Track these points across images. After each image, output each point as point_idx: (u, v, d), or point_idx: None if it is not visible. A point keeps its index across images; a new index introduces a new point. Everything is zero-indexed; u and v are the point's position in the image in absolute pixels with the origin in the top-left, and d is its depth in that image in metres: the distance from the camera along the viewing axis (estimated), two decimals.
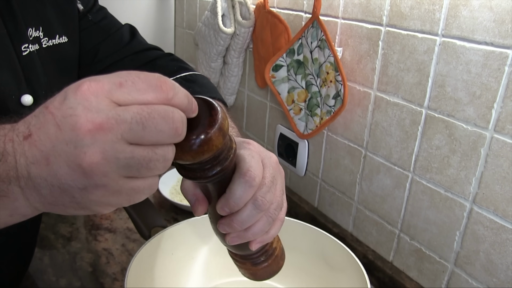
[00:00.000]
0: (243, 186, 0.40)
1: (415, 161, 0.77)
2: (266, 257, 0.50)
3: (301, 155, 1.06)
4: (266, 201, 0.42)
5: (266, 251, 0.50)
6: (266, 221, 0.44)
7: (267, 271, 0.52)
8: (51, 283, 0.84)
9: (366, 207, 0.90)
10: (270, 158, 0.46)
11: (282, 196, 0.46)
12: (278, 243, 0.52)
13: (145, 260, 0.67)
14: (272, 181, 0.44)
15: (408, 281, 0.81)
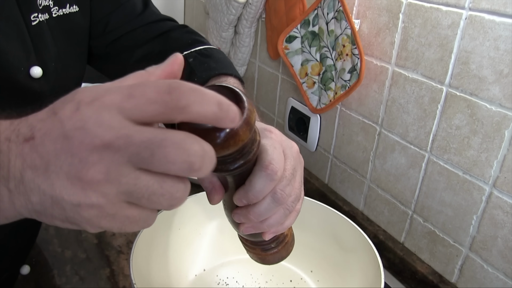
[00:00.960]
0: (264, 180, 0.38)
1: (432, 140, 0.74)
2: (277, 244, 0.48)
3: (312, 130, 1.03)
4: (286, 194, 0.40)
5: (277, 239, 0.48)
6: (282, 213, 0.42)
7: (276, 257, 0.50)
8: (57, 254, 0.83)
9: (378, 186, 0.87)
10: (292, 148, 0.44)
11: (300, 187, 0.44)
12: (290, 230, 0.50)
13: (152, 235, 0.65)
14: (293, 173, 0.42)
15: (419, 263, 0.79)
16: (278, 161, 0.39)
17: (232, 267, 0.73)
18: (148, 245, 0.64)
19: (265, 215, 0.41)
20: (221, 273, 0.72)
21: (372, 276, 0.62)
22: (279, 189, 0.40)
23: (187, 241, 0.71)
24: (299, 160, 0.45)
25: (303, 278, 0.72)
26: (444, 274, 0.76)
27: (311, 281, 0.71)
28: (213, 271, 0.72)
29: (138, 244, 0.61)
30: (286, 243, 0.49)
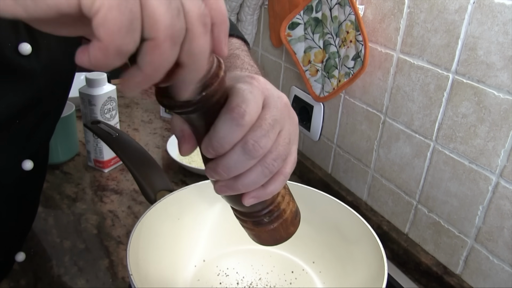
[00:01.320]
0: (229, 124, 0.34)
1: (438, 129, 0.72)
2: (271, 219, 0.43)
3: (315, 118, 1.01)
4: (260, 146, 0.35)
5: (270, 212, 0.42)
6: (260, 172, 0.37)
7: (273, 236, 0.45)
8: (55, 244, 0.82)
9: (382, 176, 0.86)
10: (278, 98, 0.38)
11: (288, 145, 0.38)
12: (290, 205, 0.44)
13: (150, 225, 0.64)
14: (273, 124, 0.36)
15: (423, 254, 0.78)
16: (250, 104, 0.35)
17: (233, 257, 0.72)
18: (146, 236, 0.62)
19: (236, 169, 0.36)
20: (221, 263, 0.71)
21: (375, 268, 0.60)
22: (251, 139, 0.35)
23: (186, 231, 0.69)
24: (287, 114, 0.39)
25: (304, 269, 0.71)
26: (449, 266, 0.74)
27: (313, 272, 0.70)
28: (213, 261, 0.71)
29: (135, 234, 0.60)
30: (284, 220, 0.43)
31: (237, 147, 0.35)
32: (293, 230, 0.46)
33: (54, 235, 0.84)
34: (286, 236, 0.46)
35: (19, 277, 0.74)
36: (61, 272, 0.76)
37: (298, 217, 0.47)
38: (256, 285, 0.67)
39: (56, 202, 0.94)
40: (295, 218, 0.45)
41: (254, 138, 0.35)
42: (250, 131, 0.35)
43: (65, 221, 0.89)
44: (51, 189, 0.98)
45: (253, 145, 0.35)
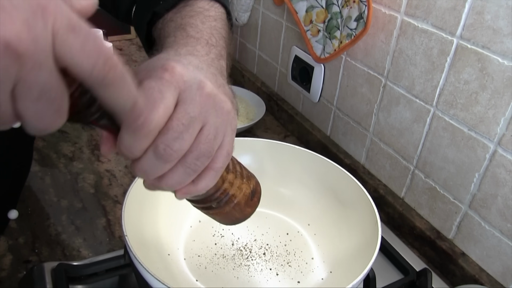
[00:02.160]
0: (131, 133, 0.31)
1: (439, 95, 0.71)
2: (220, 205, 0.42)
3: (316, 80, 0.99)
4: (172, 150, 0.33)
5: (217, 199, 0.42)
6: (183, 172, 0.35)
7: (228, 218, 0.45)
8: (53, 203, 0.83)
9: (381, 140, 0.85)
10: (198, 90, 0.34)
11: (213, 141, 0.35)
12: (242, 189, 0.43)
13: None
14: (188, 123, 0.33)
15: (418, 219, 0.78)
16: (154, 109, 0.31)
17: None
18: (142, 196, 0.62)
19: (154, 173, 0.34)
20: (216, 224, 0.70)
21: (370, 231, 0.61)
22: (161, 143, 0.32)
23: None
24: (211, 106, 0.35)
25: (300, 231, 0.71)
26: (442, 230, 0.75)
27: (307, 234, 0.71)
28: (208, 222, 0.71)
29: (131, 195, 0.60)
30: (236, 204, 0.43)
31: (148, 152, 0.33)
32: (250, 211, 0.46)
33: (51, 194, 0.85)
34: (243, 217, 0.46)
35: (17, 235, 0.75)
36: (59, 230, 0.77)
37: (256, 197, 0.46)
38: (251, 246, 0.68)
39: (53, 161, 0.94)
40: (250, 200, 0.45)
41: (165, 142, 0.33)
42: (160, 134, 0.33)
43: (62, 180, 0.89)
44: (47, 148, 0.98)
45: (164, 149, 0.33)
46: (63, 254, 0.73)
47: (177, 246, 0.65)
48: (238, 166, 0.44)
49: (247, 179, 0.44)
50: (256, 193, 0.46)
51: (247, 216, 0.46)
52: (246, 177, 0.44)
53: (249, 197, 0.44)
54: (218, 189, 0.41)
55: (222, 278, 0.61)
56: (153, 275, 0.48)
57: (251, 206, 0.45)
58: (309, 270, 0.64)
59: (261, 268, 0.64)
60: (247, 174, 0.45)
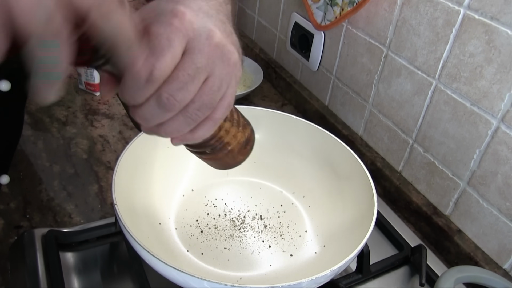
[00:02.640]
0: (136, 80, 0.31)
1: (442, 67, 0.68)
2: (214, 151, 0.43)
3: (315, 48, 0.96)
4: (175, 100, 0.32)
5: (212, 145, 0.42)
6: (183, 121, 0.35)
7: (219, 164, 0.46)
8: (45, 168, 0.81)
9: (380, 111, 0.83)
10: (207, 40, 0.33)
11: (216, 93, 0.35)
12: (236, 137, 0.44)
13: (138, 152, 0.62)
14: (195, 74, 0.33)
15: (415, 193, 0.77)
16: (161, 56, 0.31)
17: (221, 188, 0.71)
18: (133, 163, 0.61)
19: (154, 120, 0.34)
20: (209, 194, 0.70)
21: (365, 205, 0.60)
22: (165, 92, 0.32)
23: (175, 160, 0.68)
24: (218, 57, 0.34)
25: (294, 203, 0.71)
26: (439, 206, 0.74)
27: (302, 206, 0.70)
28: (201, 191, 0.70)
29: (122, 162, 0.59)
30: (228, 151, 0.43)
31: (151, 100, 0.33)
32: (242, 159, 0.47)
33: (43, 159, 0.83)
34: (234, 163, 0.47)
35: (9, 200, 0.74)
36: (50, 196, 0.76)
37: (249, 146, 0.47)
38: (244, 216, 0.67)
39: (46, 125, 0.92)
40: (243, 148, 0.46)
41: (169, 91, 0.32)
42: (165, 83, 0.32)
43: (54, 145, 0.87)
44: (40, 112, 0.96)
45: (168, 99, 0.32)
46: (54, 220, 0.72)
47: (168, 215, 0.64)
48: (236, 114, 0.45)
49: (243, 128, 0.45)
50: (250, 141, 0.47)
51: (239, 163, 0.47)
52: (242, 126, 0.45)
53: (242, 145, 0.45)
54: (214, 136, 0.41)
55: (213, 249, 0.61)
56: (142, 245, 0.47)
57: (244, 154, 0.46)
58: (302, 243, 0.63)
59: (253, 240, 0.63)
60: (243, 122, 0.46)
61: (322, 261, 0.59)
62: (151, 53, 0.31)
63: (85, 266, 0.62)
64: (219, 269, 0.57)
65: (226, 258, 0.59)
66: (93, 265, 0.62)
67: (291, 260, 0.60)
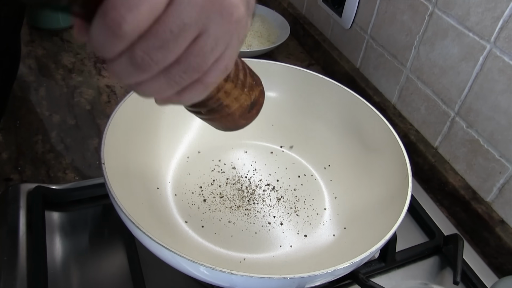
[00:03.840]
0: (103, 32, 0.25)
1: (500, 28, 0.58)
2: (210, 112, 0.37)
3: (349, 2, 0.86)
4: (152, 61, 0.26)
5: (208, 106, 0.36)
6: (165, 84, 0.28)
7: (216, 125, 0.41)
8: (44, 117, 0.75)
9: (419, 78, 0.73)
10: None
11: (210, 54, 0.28)
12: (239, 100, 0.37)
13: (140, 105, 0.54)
14: (179, 31, 0.26)
15: (452, 174, 0.68)
16: (135, 7, 0.24)
17: (232, 152, 0.63)
18: (132, 117, 0.54)
19: (128, 79, 0.28)
20: (217, 158, 0.62)
21: (397, 184, 0.51)
22: (140, 50, 0.26)
23: (181, 116, 0.60)
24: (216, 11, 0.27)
25: (313, 175, 0.62)
26: (479, 191, 0.65)
27: (322, 180, 0.62)
28: (208, 154, 0.62)
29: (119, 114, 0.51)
30: (228, 114, 0.38)
31: (123, 57, 0.26)
32: (244, 123, 0.41)
33: (43, 107, 0.77)
34: (234, 127, 0.41)
35: (1, 149, 0.68)
36: (46, 148, 0.69)
37: (255, 110, 0.40)
38: (254, 187, 0.59)
39: (51, 71, 0.85)
40: (247, 112, 0.39)
41: (145, 49, 0.26)
42: (141, 39, 0.26)
43: (57, 93, 0.80)
44: (46, 57, 0.88)
45: (142, 58, 0.26)
46: (47, 175, 0.65)
47: (168, 179, 0.56)
48: (242, 73, 0.37)
49: (249, 89, 0.38)
50: (257, 105, 0.40)
51: (240, 127, 0.41)
52: (249, 87, 0.38)
53: (246, 109, 0.39)
54: (210, 97, 0.35)
55: (215, 222, 0.53)
56: (126, 213, 0.40)
57: (247, 119, 0.40)
58: (320, 222, 0.55)
59: (263, 215, 0.55)
60: (251, 83, 0.39)
61: (341, 246, 0.51)
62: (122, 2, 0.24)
63: (73, 228, 0.55)
64: (219, 247, 0.50)
65: (230, 233, 0.52)
66: (82, 228, 0.56)
67: (305, 242, 0.53)
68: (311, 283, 0.39)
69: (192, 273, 0.39)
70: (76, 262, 0.51)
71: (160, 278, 0.49)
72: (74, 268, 0.51)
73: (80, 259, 0.52)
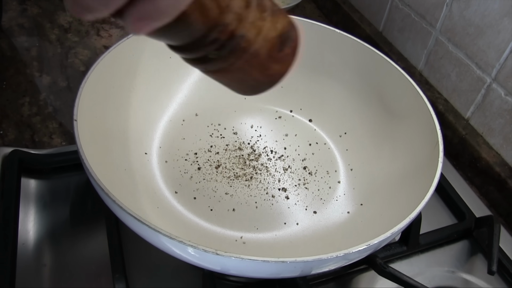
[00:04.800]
0: None
1: None
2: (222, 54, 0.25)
3: None
4: None
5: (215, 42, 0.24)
6: None
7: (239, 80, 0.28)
8: (33, 78, 0.68)
9: (450, 40, 0.64)
10: None
11: None
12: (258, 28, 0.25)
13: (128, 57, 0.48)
14: None
15: (485, 148, 0.60)
16: None
17: (234, 116, 0.56)
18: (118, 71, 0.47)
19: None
20: (217, 121, 0.55)
21: (424, 155, 0.44)
22: None
23: (177, 72, 0.52)
24: None
25: (327, 143, 0.55)
26: None
27: (336, 149, 0.54)
28: (207, 117, 0.55)
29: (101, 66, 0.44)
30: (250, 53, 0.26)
31: None
32: (279, 70, 0.28)
33: (34, 68, 0.70)
34: (266, 79, 0.28)
35: None
36: (33, 111, 0.63)
37: (289, 47, 0.27)
38: (258, 154, 0.52)
39: (45, 31, 0.78)
40: (277, 50, 0.27)
41: None
42: None
43: (50, 53, 0.74)
44: (42, 16, 0.82)
45: None
46: (31, 139, 0.59)
47: (159, 143, 0.49)
48: None
49: (271, 14, 0.26)
50: (289, 40, 0.27)
51: (275, 79, 0.28)
52: (271, 11, 0.26)
53: (274, 44, 0.26)
54: (216, 22, 0.24)
55: (210, 193, 0.46)
56: (95, 179, 0.33)
57: (281, 61, 0.28)
58: (332, 197, 0.48)
59: (266, 186, 0.48)
60: (271, 6, 0.27)
61: (356, 225, 0.43)
62: None
63: (53, 198, 0.49)
64: (212, 224, 0.43)
65: (226, 207, 0.45)
66: (62, 198, 0.49)
67: (314, 220, 0.45)
68: (318, 268, 0.32)
69: (173, 252, 0.32)
70: (53, 236, 0.45)
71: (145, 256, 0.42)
72: (49, 241, 0.45)
73: (57, 232, 0.45)
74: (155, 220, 0.39)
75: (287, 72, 0.28)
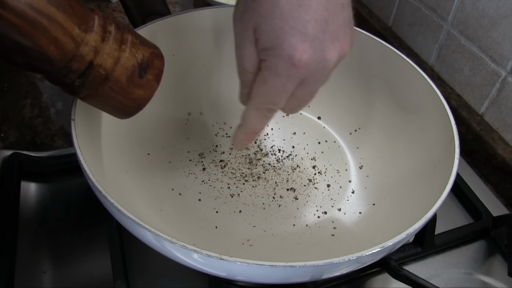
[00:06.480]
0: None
1: None
2: (82, 82, 0.30)
3: None
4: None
5: (73, 71, 0.30)
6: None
7: (109, 105, 0.33)
8: (35, 80, 0.68)
9: (462, 32, 0.62)
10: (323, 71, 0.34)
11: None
12: (115, 58, 0.31)
13: None
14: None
15: (501, 145, 0.58)
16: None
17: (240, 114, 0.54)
18: None
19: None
20: (223, 120, 0.53)
21: (439, 153, 0.42)
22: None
23: (183, 72, 0.51)
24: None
25: (337, 141, 0.53)
26: None
27: (347, 147, 0.52)
28: (212, 116, 0.53)
29: None
30: (111, 80, 0.31)
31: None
32: (143, 94, 0.33)
33: None
34: (132, 103, 0.33)
35: None
36: (35, 113, 0.62)
37: (151, 73, 0.33)
38: (265, 154, 0.50)
39: None
40: (137, 76, 0.32)
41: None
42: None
43: None
44: None
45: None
46: (32, 142, 0.58)
47: (163, 143, 0.48)
48: (113, 26, 0.31)
49: (132, 47, 0.31)
50: (150, 67, 0.33)
51: (140, 103, 0.33)
52: (131, 44, 0.31)
53: (134, 71, 0.31)
54: (71, 54, 0.29)
55: (214, 195, 0.44)
56: (93, 181, 0.31)
57: (143, 87, 0.32)
58: (343, 197, 0.46)
59: (273, 187, 0.46)
60: (133, 40, 0.32)
61: (369, 226, 0.41)
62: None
63: (54, 202, 0.47)
64: (218, 227, 0.41)
65: (232, 209, 0.43)
66: (63, 203, 0.48)
67: (324, 221, 0.44)
68: (329, 273, 0.30)
69: (176, 257, 0.30)
70: (53, 242, 0.44)
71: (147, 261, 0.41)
72: (49, 248, 0.43)
73: (57, 238, 0.44)
74: (158, 224, 0.37)
75: (151, 96, 0.34)
